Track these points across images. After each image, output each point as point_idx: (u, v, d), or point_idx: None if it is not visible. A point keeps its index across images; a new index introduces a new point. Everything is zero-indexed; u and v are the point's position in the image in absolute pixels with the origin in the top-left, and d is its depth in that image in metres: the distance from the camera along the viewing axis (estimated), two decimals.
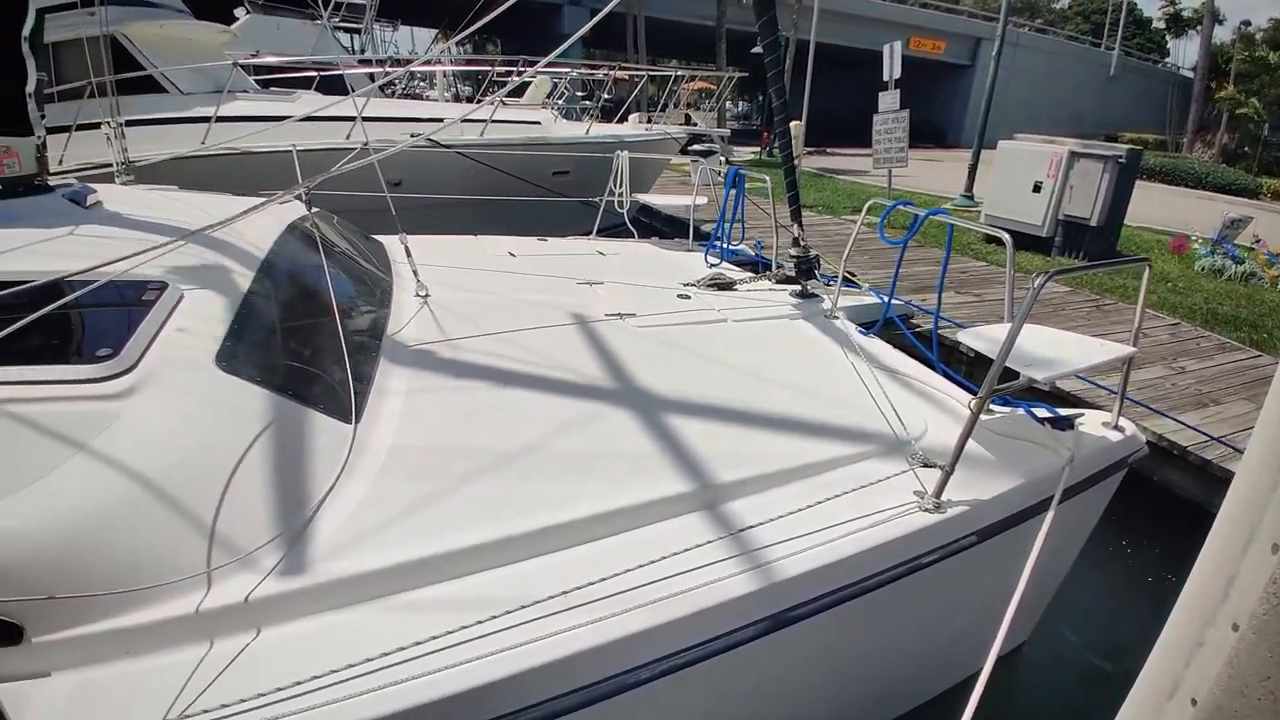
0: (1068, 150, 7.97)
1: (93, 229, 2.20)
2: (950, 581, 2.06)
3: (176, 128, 6.66)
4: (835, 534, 1.80)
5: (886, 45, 10.31)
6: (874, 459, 2.17)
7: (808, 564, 1.72)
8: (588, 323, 2.86)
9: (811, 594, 1.73)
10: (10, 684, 1.30)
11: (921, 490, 2.00)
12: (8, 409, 1.49)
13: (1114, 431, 2.43)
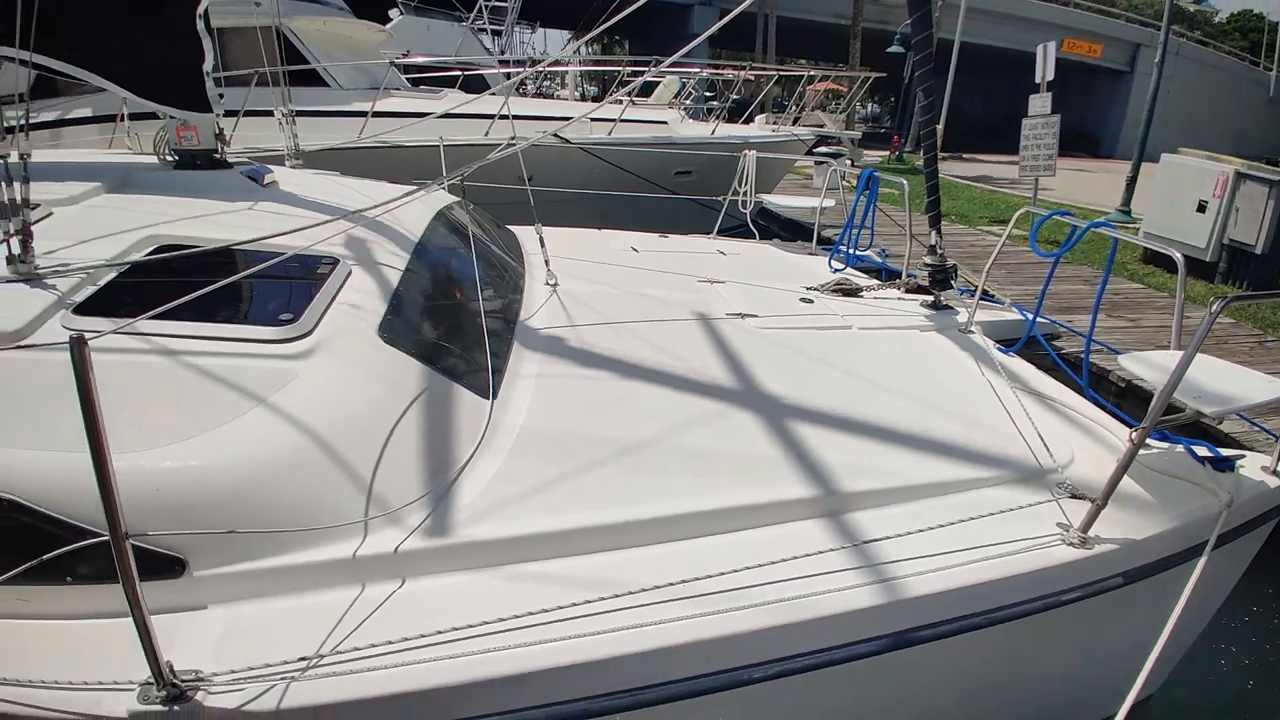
0: (1234, 170, 7.14)
1: (270, 205, 2.45)
2: (1086, 623, 1.92)
3: (334, 119, 7.22)
4: (969, 558, 1.71)
5: (1040, 46, 9.62)
6: (1013, 485, 2.04)
7: (938, 585, 1.65)
8: (709, 320, 2.84)
9: (939, 617, 1.66)
10: (168, 615, 1.43)
11: (1066, 523, 1.86)
12: (201, 360, 1.67)
13: (1273, 477, 2.19)
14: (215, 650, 1.38)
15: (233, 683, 1.31)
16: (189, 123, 2.64)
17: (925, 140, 3.38)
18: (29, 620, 1.46)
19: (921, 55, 3.18)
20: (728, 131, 8.67)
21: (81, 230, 2.04)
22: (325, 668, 1.35)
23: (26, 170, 1.78)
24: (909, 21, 3.14)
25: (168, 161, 2.74)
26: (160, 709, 1.27)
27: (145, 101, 2.64)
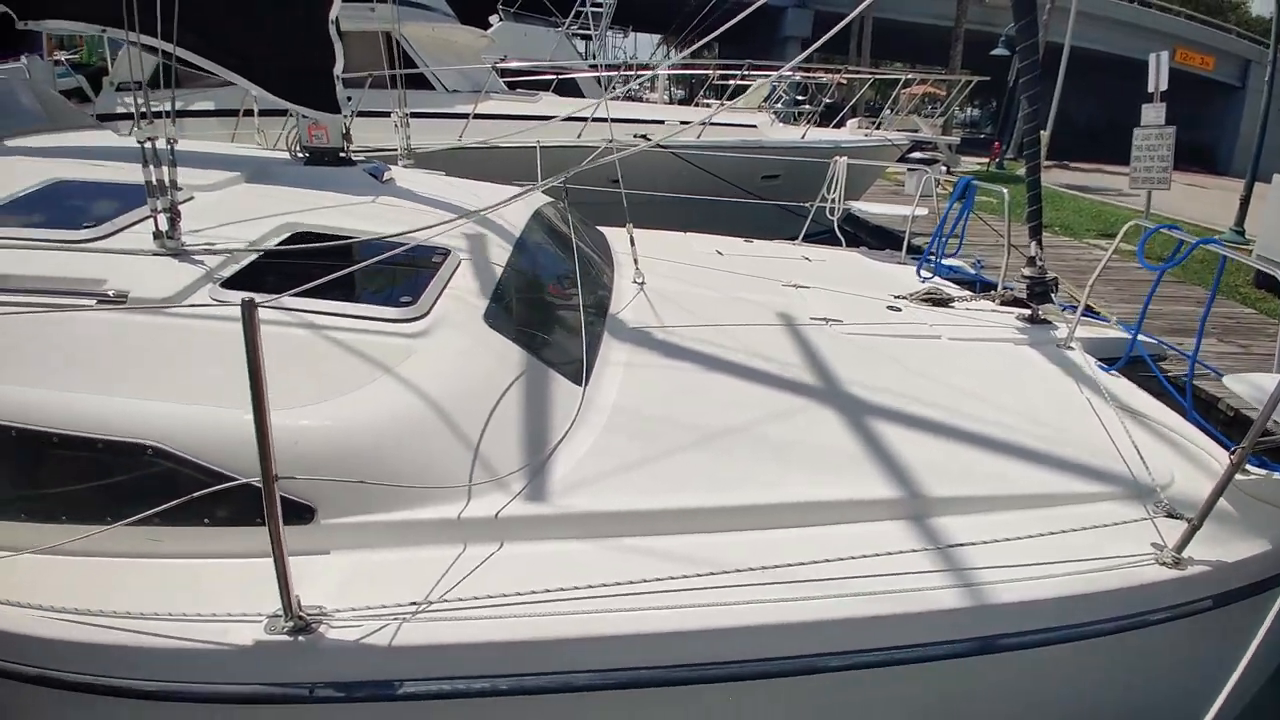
0: None
1: (389, 200, 2.66)
2: (1171, 644, 1.88)
3: (437, 121, 7.59)
4: (1059, 570, 1.70)
5: (1153, 55, 9.08)
6: (1108, 501, 2.00)
7: (1027, 594, 1.65)
8: (793, 324, 2.88)
9: (1026, 625, 1.66)
10: (296, 557, 1.58)
11: (1161, 543, 1.81)
12: (334, 334, 1.86)
13: None
14: (336, 591, 1.53)
15: (351, 620, 1.46)
16: (319, 122, 2.88)
17: (1028, 147, 3.29)
18: (159, 559, 1.65)
19: (1027, 60, 3.10)
20: (818, 136, 8.58)
21: (223, 214, 2.27)
22: (432, 613, 1.48)
23: (174, 155, 2.00)
24: (1014, 25, 3.07)
25: (298, 157, 2.99)
26: (286, 639, 1.43)
27: (279, 100, 2.90)
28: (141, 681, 1.46)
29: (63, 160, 2.66)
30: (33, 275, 1.87)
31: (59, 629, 1.46)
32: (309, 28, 2.76)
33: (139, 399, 1.66)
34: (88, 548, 1.61)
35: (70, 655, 1.46)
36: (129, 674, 1.45)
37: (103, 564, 1.63)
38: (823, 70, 10.59)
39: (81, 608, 1.48)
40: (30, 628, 1.47)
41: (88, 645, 1.45)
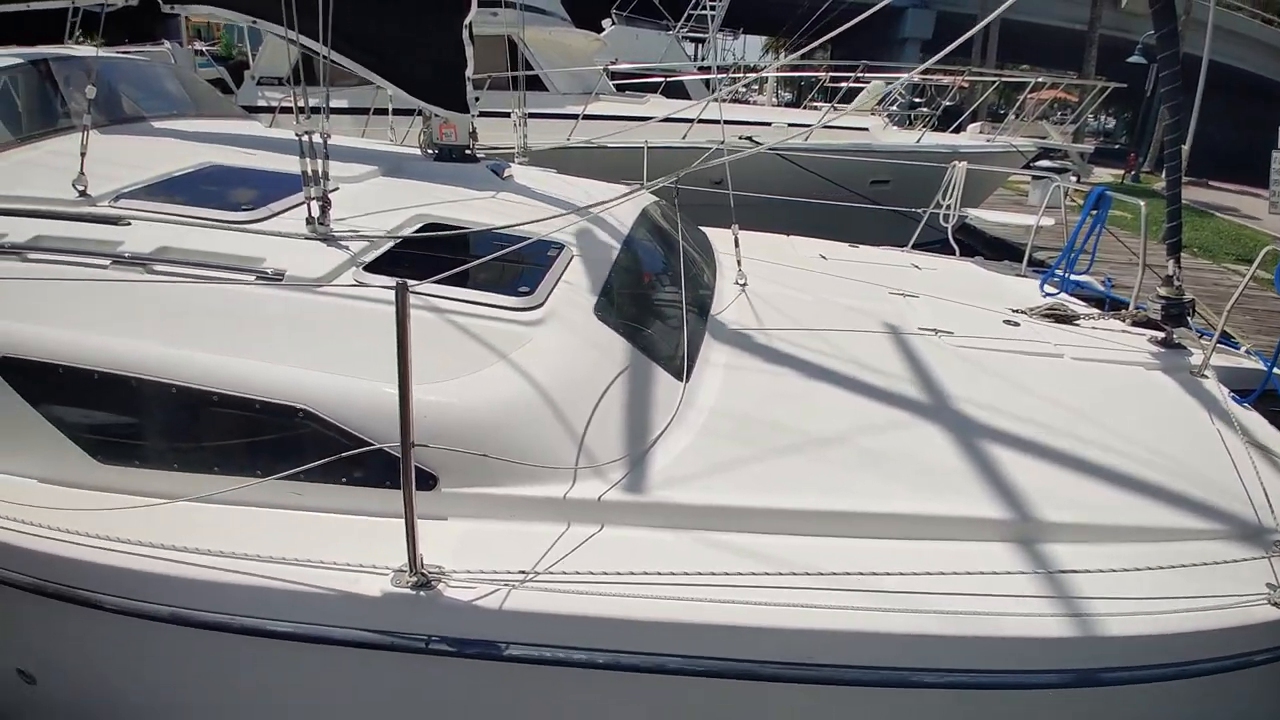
0: None
1: (509, 196, 2.81)
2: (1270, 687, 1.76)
3: (548, 121, 7.86)
4: (1167, 605, 1.62)
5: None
6: (1226, 540, 1.88)
7: (1132, 628, 1.57)
8: (899, 333, 2.81)
9: (1130, 660, 1.58)
10: (419, 520, 1.70)
11: (1276, 583, 1.70)
12: (459, 319, 2.00)
13: None
14: (452, 554, 1.65)
15: (466, 581, 1.57)
16: (450, 121, 3.07)
17: (1169, 161, 3.07)
18: (300, 511, 1.83)
19: (1168, 70, 2.90)
20: (935, 140, 8.27)
21: (364, 204, 2.46)
22: (538, 583, 1.58)
23: (327, 148, 2.19)
24: (1154, 33, 2.88)
25: (428, 154, 3.20)
26: (409, 592, 1.55)
27: (412, 100, 3.10)
28: (274, 622, 1.61)
29: (213, 145, 2.96)
30: (195, 250, 2.10)
31: (198, 571, 1.63)
32: (445, 32, 2.95)
33: (292, 367, 1.84)
34: (237, 498, 1.81)
35: (208, 595, 1.62)
36: (263, 614, 1.61)
37: (248, 513, 1.81)
38: (943, 72, 10.18)
39: (225, 551, 1.65)
40: (174, 569, 1.63)
41: (225, 586, 1.62)
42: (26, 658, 1.97)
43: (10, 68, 3.23)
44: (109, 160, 2.44)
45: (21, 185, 2.46)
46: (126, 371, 1.85)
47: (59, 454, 1.91)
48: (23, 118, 3.18)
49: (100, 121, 2.46)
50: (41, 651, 1.96)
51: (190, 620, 1.63)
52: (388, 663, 1.63)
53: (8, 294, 2.01)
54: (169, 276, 2.03)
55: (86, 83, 3.42)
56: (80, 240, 2.14)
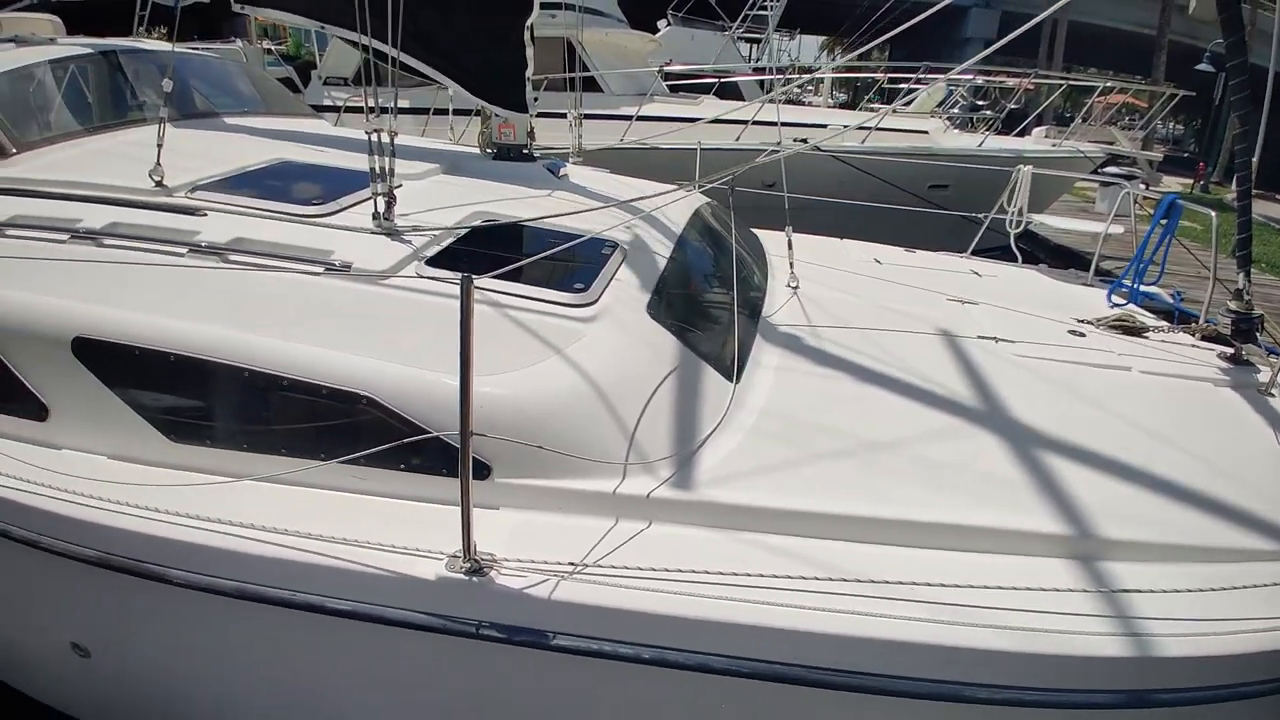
0: None
1: (565, 195, 2.85)
2: None
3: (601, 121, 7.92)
4: (1228, 627, 1.57)
5: None
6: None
7: (1190, 649, 1.52)
8: (956, 340, 2.75)
9: (1186, 683, 1.54)
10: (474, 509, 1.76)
11: None
12: (516, 313, 2.04)
13: None
14: (503, 543, 1.68)
15: (517, 570, 1.61)
16: (508, 121, 3.13)
17: (1239, 172, 2.95)
18: (359, 494, 1.89)
19: (1237, 79, 2.79)
20: (998, 144, 8.04)
21: (426, 201, 2.52)
22: (587, 575, 1.60)
23: (394, 146, 2.25)
24: (1222, 41, 2.76)
25: (487, 153, 3.26)
26: (462, 578, 1.59)
27: (472, 99, 3.17)
28: (334, 600, 1.67)
29: (283, 142, 3.07)
30: (267, 241, 2.19)
31: (263, 548, 1.69)
32: (507, 33, 3.00)
33: (356, 355, 1.91)
34: (301, 479, 1.88)
35: (272, 572, 1.69)
36: (323, 592, 1.67)
37: (310, 494, 1.88)
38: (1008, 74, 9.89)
39: (290, 530, 1.71)
40: (241, 546, 1.70)
41: (289, 564, 1.68)
42: (83, 631, 2.05)
43: (80, 57, 3.36)
44: (183, 153, 2.55)
45: (96, 173, 2.57)
46: (202, 355, 1.94)
47: (131, 432, 2.01)
48: (93, 108, 3.32)
49: (174, 115, 2.58)
50: (99, 625, 2.04)
51: (254, 595, 1.70)
52: (438, 645, 1.67)
53: (83, 277, 2.12)
54: (243, 266, 2.12)
55: (158, 76, 3.58)
56: (157, 229, 2.25)
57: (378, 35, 2.32)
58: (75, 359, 2.01)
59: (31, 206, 2.41)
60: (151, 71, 3.62)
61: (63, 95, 3.20)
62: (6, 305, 2.09)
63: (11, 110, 2.92)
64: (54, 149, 2.86)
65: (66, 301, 2.06)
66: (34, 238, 2.28)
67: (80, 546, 1.79)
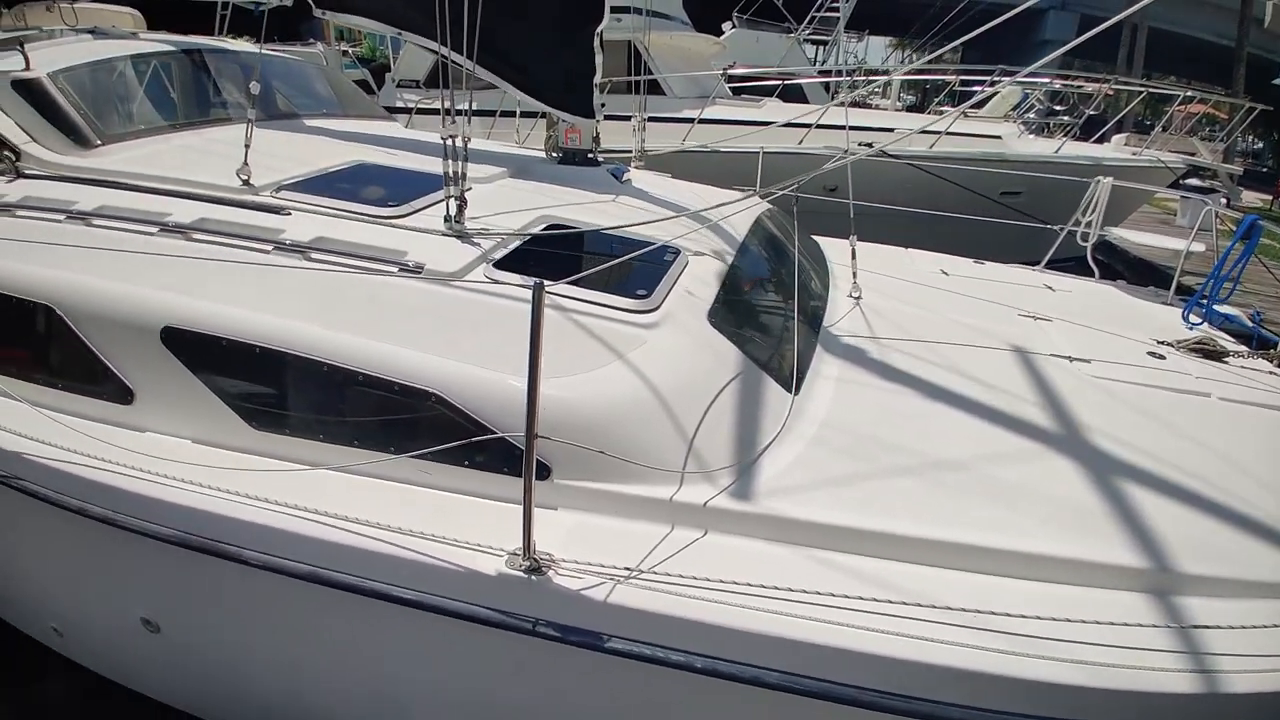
0: None
1: (628, 200, 2.87)
2: None
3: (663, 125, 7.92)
4: None
5: None
6: None
7: (1267, 685, 1.46)
8: (1029, 357, 2.66)
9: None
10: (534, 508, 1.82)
11: None
12: (580, 317, 2.07)
13: None
14: (561, 543, 1.71)
15: (574, 571, 1.63)
16: (575, 126, 3.18)
17: None
18: (424, 488, 1.94)
19: None
20: (1075, 151, 7.73)
21: (494, 204, 2.58)
22: (643, 580, 1.62)
23: (467, 151, 2.30)
24: None
25: (553, 157, 3.32)
26: (521, 575, 1.63)
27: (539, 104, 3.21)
28: (399, 589, 1.73)
29: (360, 145, 3.17)
30: (346, 240, 2.28)
31: (335, 534, 1.76)
32: (577, 40, 3.04)
33: (426, 353, 1.97)
34: (370, 470, 1.96)
35: (342, 558, 1.76)
36: (389, 580, 1.73)
37: (378, 485, 1.95)
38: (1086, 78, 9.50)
39: (359, 518, 1.78)
40: (315, 531, 1.78)
41: (359, 551, 1.74)
42: (154, 607, 2.15)
43: (164, 54, 3.52)
44: (267, 153, 2.66)
45: (183, 169, 2.70)
46: (284, 348, 2.03)
47: (214, 417, 2.12)
48: (178, 105, 3.48)
49: (259, 116, 2.70)
50: (172, 602, 2.14)
51: (325, 579, 1.77)
52: (494, 639, 1.71)
53: (172, 269, 2.24)
54: (324, 264, 2.21)
55: (241, 76, 3.74)
56: (244, 226, 2.36)
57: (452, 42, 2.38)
58: (164, 347, 2.13)
59: (120, 198, 2.55)
60: (235, 71, 3.78)
61: (146, 90, 3.36)
62: (97, 293, 2.22)
63: (94, 102, 3.07)
64: (140, 143, 3.02)
65: (157, 292, 2.18)
66: (124, 229, 2.41)
67: (160, 525, 1.88)
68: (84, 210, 2.50)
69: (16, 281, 2.31)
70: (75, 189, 2.64)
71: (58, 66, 3.10)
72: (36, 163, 2.86)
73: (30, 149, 2.89)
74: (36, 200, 2.61)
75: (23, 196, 2.65)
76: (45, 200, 2.59)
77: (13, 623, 2.69)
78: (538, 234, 2.43)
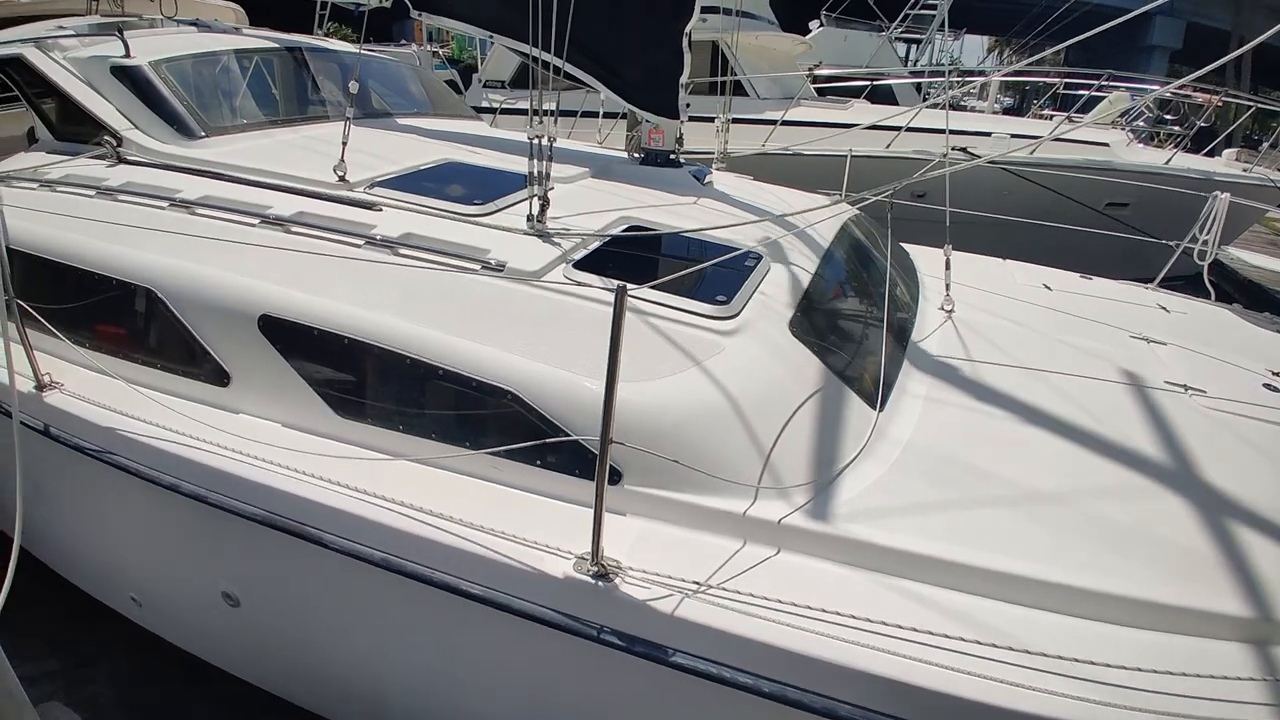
0: None
1: (709, 202, 2.83)
2: None
3: (746, 126, 7.79)
4: None
5: None
6: None
7: None
8: (1140, 385, 2.46)
9: None
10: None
11: None
12: (658, 322, 2.04)
13: None
14: (629, 550, 1.69)
15: (641, 580, 1.61)
16: (659, 127, 3.15)
17: None
18: (494, 484, 1.96)
19: None
20: (1186, 163, 7.20)
21: (575, 204, 2.59)
22: (711, 596, 1.57)
23: (551, 151, 2.31)
24: None
25: (635, 158, 3.30)
26: (588, 581, 1.62)
27: (624, 104, 3.20)
28: (468, 583, 1.74)
29: (448, 144, 3.23)
30: (433, 237, 2.32)
31: (409, 524, 1.80)
32: (666, 39, 3.01)
33: (505, 351, 1.99)
34: (444, 463, 1.98)
35: (415, 548, 1.79)
36: (460, 574, 1.75)
37: (450, 478, 1.98)
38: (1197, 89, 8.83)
39: (433, 510, 1.80)
40: (391, 519, 1.82)
41: (431, 542, 1.77)
42: (236, 582, 2.24)
43: (266, 50, 3.66)
44: (361, 150, 2.74)
45: (283, 164, 2.80)
46: (371, 340, 2.09)
47: (304, 404, 2.20)
48: (279, 101, 3.61)
49: (355, 114, 2.77)
50: (252, 578, 2.23)
51: (397, 568, 1.81)
52: (559, 641, 1.71)
53: (270, 260, 2.33)
54: (411, 260, 2.26)
55: (338, 75, 3.87)
56: (339, 220, 2.44)
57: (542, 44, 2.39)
58: (260, 334, 2.22)
59: (224, 189, 2.67)
60: (333, 70, 3.93)
61: (249, 85, 3.50)
62: (199, 279, 2.33)
63: (198, 94, 3.22)
64: (243, 137, 3.16)
65: (256, 281, 2.27)
66: (226, 219, 2.53)
67: (249, 505, 1.96)
68: (188, 199, 2.63)
69: (120, 264, 2.45)
70: (179, 177, 2.78)
71: (160, 56, 3.26)
72: (138, 149, 3.01)
73: (132, 135, 3.04)
74: (140, 186, 2.75)
75: (125, 181, 2.80)
76: (149, 187, 2.74)
77: (90, 591, 2.85)
78: (617, 235, 2.42)
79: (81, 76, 3.23)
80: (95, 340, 2.52)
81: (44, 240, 2.61)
